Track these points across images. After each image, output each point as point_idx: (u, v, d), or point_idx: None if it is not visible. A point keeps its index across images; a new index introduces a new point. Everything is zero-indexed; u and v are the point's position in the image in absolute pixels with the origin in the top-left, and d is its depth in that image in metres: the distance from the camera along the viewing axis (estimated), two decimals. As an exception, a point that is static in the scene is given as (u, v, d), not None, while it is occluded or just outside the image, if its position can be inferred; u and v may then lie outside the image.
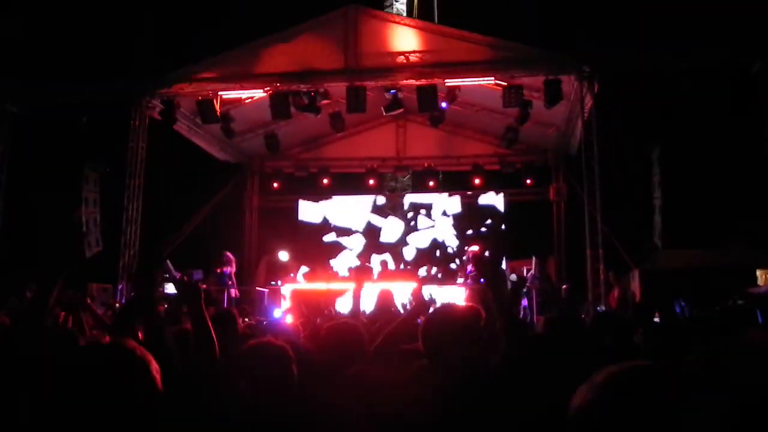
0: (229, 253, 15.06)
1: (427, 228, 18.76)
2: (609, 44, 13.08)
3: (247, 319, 11.76)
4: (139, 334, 3.99)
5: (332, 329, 3.90)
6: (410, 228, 18.79)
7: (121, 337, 2.01)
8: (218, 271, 14.76)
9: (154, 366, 1.78)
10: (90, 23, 17.11)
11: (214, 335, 3.31)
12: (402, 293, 10.11)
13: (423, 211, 18.89)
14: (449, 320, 2.86)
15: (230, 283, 14.69)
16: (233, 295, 14.48)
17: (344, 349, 3.65)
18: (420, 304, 4.57)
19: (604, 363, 1.39)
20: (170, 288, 11.12)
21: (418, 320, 3.64)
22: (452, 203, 18.85)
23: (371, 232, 18.82)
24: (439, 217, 18.86)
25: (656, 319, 5.04)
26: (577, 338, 4.11)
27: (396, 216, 18.89)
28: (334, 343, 3.73)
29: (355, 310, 5.28)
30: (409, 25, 14.97)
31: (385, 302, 8.11)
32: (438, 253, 18.39)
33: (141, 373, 1.75)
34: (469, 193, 18.61)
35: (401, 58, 13.52)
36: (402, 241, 18.65)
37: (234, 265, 15.07)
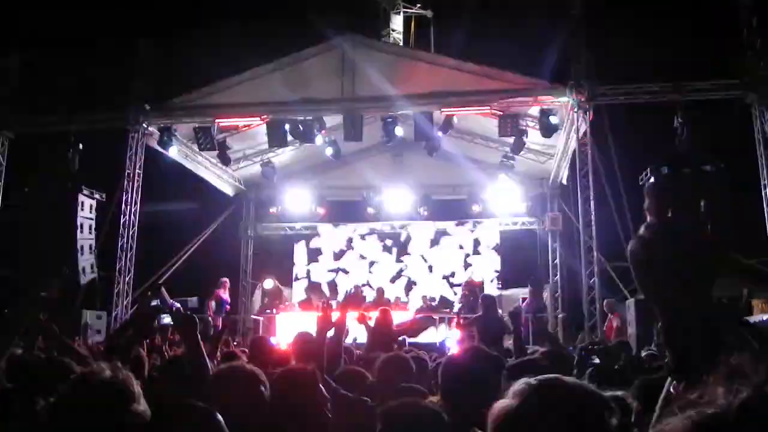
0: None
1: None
2: (604, 74, 13.14)
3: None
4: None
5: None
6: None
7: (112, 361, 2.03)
8: (221, 297, 14.76)
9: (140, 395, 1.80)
10: (88, 51, 17.20)
11: (208, 364, 3.33)
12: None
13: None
14: (469, 364, 2.87)
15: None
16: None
17: None
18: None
19: None
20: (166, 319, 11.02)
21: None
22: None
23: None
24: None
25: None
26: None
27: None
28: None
29: (337, 338, 5.24)
30: (405, 55, 15.09)
31: (383, 323, 8.13)
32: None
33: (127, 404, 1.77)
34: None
35: (397, 87, 13.58)
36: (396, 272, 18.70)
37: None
